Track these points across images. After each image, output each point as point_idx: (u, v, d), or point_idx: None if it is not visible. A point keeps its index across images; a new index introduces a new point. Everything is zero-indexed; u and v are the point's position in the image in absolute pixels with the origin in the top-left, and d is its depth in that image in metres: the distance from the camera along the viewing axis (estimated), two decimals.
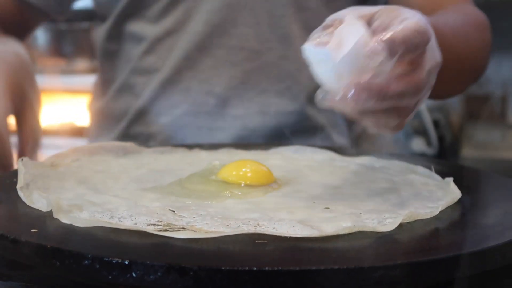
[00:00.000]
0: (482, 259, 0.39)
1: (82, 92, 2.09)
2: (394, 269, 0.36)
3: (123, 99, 0.91)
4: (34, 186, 0.50)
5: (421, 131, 1.97)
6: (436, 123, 1.97)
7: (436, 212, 0.46)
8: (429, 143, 1.95)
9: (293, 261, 0.37)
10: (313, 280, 0.35)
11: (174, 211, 0.45)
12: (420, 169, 0.59)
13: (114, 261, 0.36)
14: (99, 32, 0.94)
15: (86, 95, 2.05)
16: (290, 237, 0.41)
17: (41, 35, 2.11)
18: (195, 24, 0.85)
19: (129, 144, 0.65)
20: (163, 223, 0.43)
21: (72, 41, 2.10)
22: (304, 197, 0.50)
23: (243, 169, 0.54)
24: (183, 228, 0.42)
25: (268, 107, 0.87)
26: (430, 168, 0.58)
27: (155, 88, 0.87)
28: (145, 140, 0.87)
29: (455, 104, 2.04)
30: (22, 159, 0.54)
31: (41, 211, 0.46)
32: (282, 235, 0.41)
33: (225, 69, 0.86)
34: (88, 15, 2.05)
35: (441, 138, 1.96)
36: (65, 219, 0.43)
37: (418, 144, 1.96)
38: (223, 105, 0.86)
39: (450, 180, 0.53)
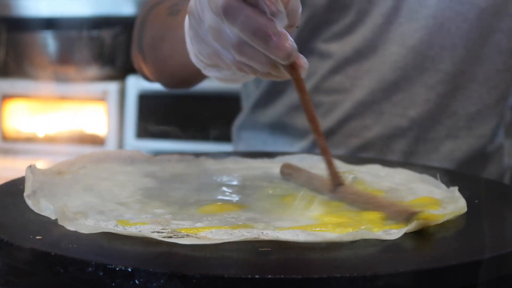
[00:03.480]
0: (485, 268, 0.39)
1: (91, 99, 2.10)
2: (396, 278, 0.36)
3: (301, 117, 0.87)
4: (41, 193, 0.51)
5: None
6: None
7: (440, 220, 0.46)
8: None
9: (296, 270, 0.37)
10: None
11: (178, 219, 0.46)
12: (426, 177, 0.59)
13: (117, 269, 0.36)
14: None
15: (96, 103, 2.07)
16: (294, 246, 0.41)
17: (51, 43, 2.13)
18: (389, 46, 0.83)
19: (135, 152, 0.66)
20: (167, 230, 0.43)
21: (82, 49, 2.11)
22: (307, 205, 0.50)
23: None
24: (187, 235, 0.42)
25: (459, 131, 0.86)
26: (435, 177, 0.58)
27: (347, 109, 0.85)
28: None
29: None
30: (30, 166, 0.54)
31: (47, 218, 0.46)
32: (286, 240, 0.41)
33: (420, 92, 0.84)
34: (97, 23, 2.07)
35: None
36: (70, 226, 0.43)
37: None
38: (417, 129, 0.85)
39: (455, 189, 0.53)
